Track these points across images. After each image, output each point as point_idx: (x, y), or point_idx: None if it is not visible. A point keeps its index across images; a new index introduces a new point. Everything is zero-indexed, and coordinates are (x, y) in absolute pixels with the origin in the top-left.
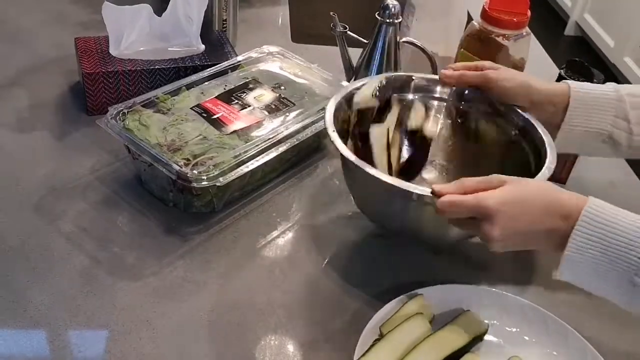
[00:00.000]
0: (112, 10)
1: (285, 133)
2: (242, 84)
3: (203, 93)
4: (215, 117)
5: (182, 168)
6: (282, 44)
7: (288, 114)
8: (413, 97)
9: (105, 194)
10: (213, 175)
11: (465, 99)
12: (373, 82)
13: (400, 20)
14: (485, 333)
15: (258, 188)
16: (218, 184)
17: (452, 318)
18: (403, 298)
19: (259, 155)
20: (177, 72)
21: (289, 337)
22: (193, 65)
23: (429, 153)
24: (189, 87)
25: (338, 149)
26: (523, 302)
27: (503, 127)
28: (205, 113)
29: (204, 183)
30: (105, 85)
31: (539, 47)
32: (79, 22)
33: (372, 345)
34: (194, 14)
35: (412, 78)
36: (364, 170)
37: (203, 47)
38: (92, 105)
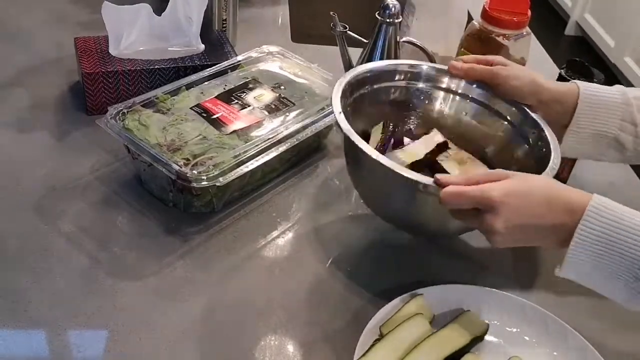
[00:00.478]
0: (111, 10)
1: (285, 133)
2: (242, 84)
3: (203, 93)
4: (215, 117)
5: (181, 168)
6: (282, 44)
7: (288, 114)
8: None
9: (105, 194)
10: (213, 175)
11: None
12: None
13: (400, 20)
14: (486, 333)
15: (258, 188)
16: (218, 184)
17: (452, 318)
18: (403, 298)
19: (259, 155)
20: (176, 72)
21: (289, 337)
22: (193, 65)
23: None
24: (189, 87)
25: (343, 131)
26: (523, 302)
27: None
28: (205, 113)
29: (204, 183)
30: (105, 85)
31: (539, 47)
32: (79, 22)
33: (372, 345)
34: (194, 14)
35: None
36: (371, 157)
37: (203, 46)
38: (91, 105)
